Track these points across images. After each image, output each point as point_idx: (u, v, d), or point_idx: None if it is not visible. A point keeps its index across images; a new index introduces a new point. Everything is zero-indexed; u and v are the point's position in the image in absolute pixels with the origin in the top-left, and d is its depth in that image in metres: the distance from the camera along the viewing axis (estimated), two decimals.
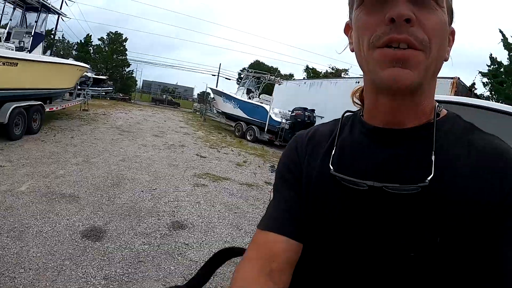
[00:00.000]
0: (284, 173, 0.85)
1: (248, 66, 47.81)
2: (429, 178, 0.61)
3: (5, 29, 10.31)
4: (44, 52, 11.98)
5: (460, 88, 10.92)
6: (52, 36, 17.72)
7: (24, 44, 10.41)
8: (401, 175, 0.65)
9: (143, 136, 11.92)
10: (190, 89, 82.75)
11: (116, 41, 38.56)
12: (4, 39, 9.61)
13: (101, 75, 30.93)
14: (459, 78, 10.69)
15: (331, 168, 0.73)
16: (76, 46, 37.53)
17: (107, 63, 36.56)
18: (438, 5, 0.62)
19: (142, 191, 5.75)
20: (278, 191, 0.83)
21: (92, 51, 38.43)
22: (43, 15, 11.46)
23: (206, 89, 37.02)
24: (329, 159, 0.75)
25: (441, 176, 0.62)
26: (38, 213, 4.26)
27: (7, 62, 7.90)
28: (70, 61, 13.92)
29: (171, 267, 3.50)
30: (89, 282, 3.02)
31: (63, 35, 34.60)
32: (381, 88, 0.66)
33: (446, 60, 0.69)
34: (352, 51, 0.72)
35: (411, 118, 0.69)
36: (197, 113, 30.99)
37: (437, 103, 0.73)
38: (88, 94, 18.17)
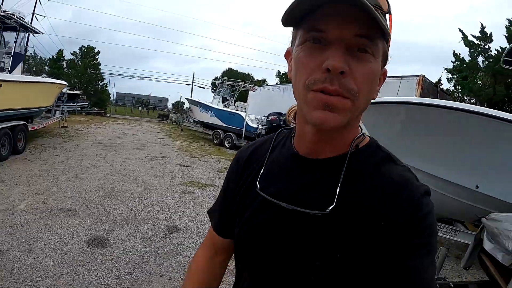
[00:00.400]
0: (225, 182, 1.02)
1: (221, 74, 48.19)
2: (330, 208, 0.70)
3: None
4: None
5: (426, 85, 11.22)
6: (24, 53, 17.55)
7: (4, 65, 10.45)
8: (311, 201, 0.74)
9: (125, 150, 12.15)
10: (164, 99, 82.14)
11: (88, 55, 38.16)
12: None
13: (75, 90, 30.57)
14: (424, 75, 11.01)
15: (258, 185, 0.83)
16: (48, 61, 36.94)
17: (81, 77, 36.09)
18: (373, 57, 0.67)
19: (134, 201, 6.13)
20: (219, 196, 1.05)
21: (65, 66, 37.90)
22: (21, 35, 11.48)
23: (180, 98, 37.01)
24: (257, 177, 0.85)
25: (344, 205, 0.71)
26: (42, 227, 4.56)
27: None
28: (49, 79, 13.98)
29: (173, 264, 3.95)
30: (102, 283, 3.42)
31: (34, 51, 34.03)
32: (310, 124, 0.73)
33: (374, 99, 0.73)
34: (290, 78, 0.76)
35: (331, 149, 0.77)
36: (173, 123, 31.00)
37: (361, 132, 0.80)
38: (65, 110, 18.11)
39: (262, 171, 0.85)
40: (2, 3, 10.72)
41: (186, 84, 45.96)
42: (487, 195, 4.21)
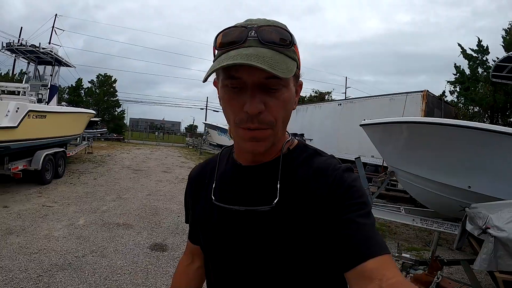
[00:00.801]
0: (185, 199, 1.12)
1: None
2: (275, 202, 0.82)
3: (27, 83, 11.36)
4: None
5: (430, 99, 11.67)
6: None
7: (42, 96, 11.47)
8: (260, 199, 0.85)
9: (154, 173, 12.96)
10: (177, 123, 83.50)
11: (106, 83, 39.34)
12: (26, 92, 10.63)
13: (94, 117, 31.50)
14: (427, 90, 11.42)
15: (213, 198, 0.91)
16: (67, 90, 37.87)
17: (99, 105, 37.03)
18: (285, 87, 0.77)
19: (178, 216, 6.88)
20: (185, 210, 1.14)
21: (83, 94, 39.07)
22: (56, 68, 12.56)
23: (193, 122, 37.75)
24: (211, 191, 0.94)
25: (286, 196, 0.83)
26: (106, 238, 5.27)
27: (39, 115, 9.05)
28: (81, 109, 14.98)
29: None
30: (171, 276, 4.13)
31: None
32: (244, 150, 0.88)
33: (294, 109, 0.85)
34: (221, 104, 0.84)
35: (267, 156, 0.89)
36: (190, 147, 31.77)
37: (289, 137, 0.94)
38: (90, 137, 18.91)
39: (214, 185, 0.95)
40: (20, 36, 11.69)
41: (201, 109, 47.37)
42: (478, 193, 4.89)
